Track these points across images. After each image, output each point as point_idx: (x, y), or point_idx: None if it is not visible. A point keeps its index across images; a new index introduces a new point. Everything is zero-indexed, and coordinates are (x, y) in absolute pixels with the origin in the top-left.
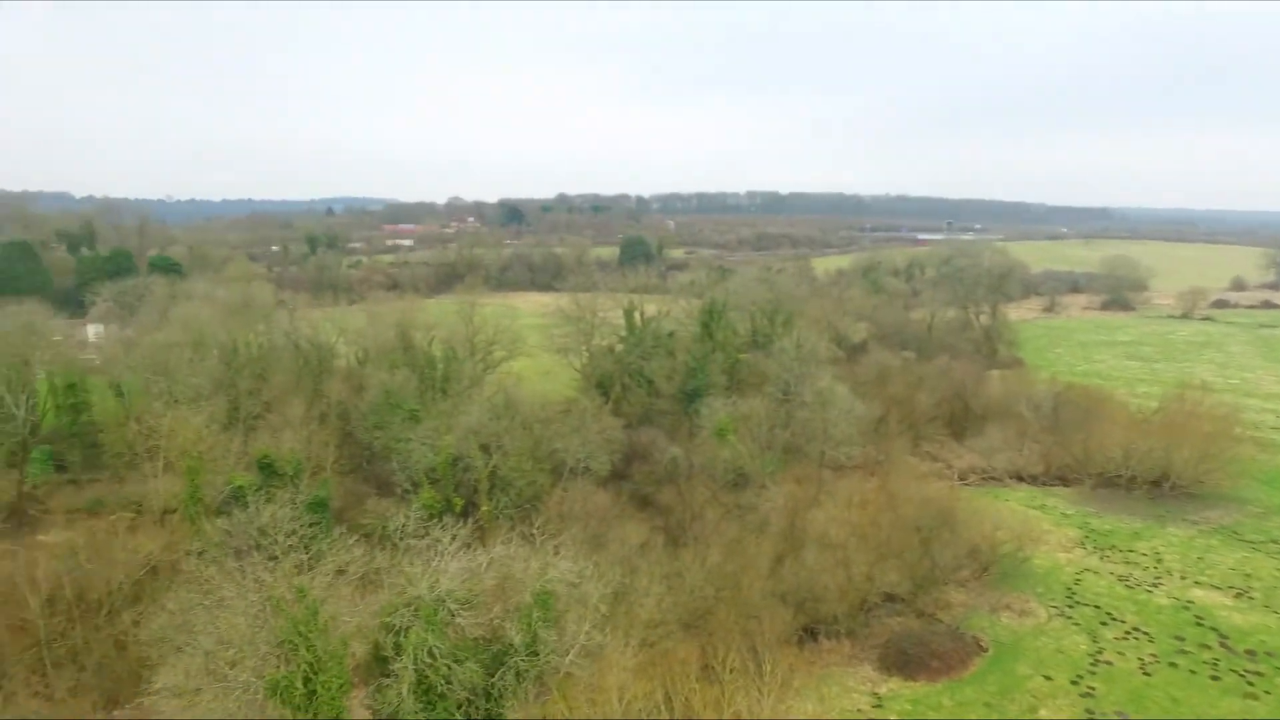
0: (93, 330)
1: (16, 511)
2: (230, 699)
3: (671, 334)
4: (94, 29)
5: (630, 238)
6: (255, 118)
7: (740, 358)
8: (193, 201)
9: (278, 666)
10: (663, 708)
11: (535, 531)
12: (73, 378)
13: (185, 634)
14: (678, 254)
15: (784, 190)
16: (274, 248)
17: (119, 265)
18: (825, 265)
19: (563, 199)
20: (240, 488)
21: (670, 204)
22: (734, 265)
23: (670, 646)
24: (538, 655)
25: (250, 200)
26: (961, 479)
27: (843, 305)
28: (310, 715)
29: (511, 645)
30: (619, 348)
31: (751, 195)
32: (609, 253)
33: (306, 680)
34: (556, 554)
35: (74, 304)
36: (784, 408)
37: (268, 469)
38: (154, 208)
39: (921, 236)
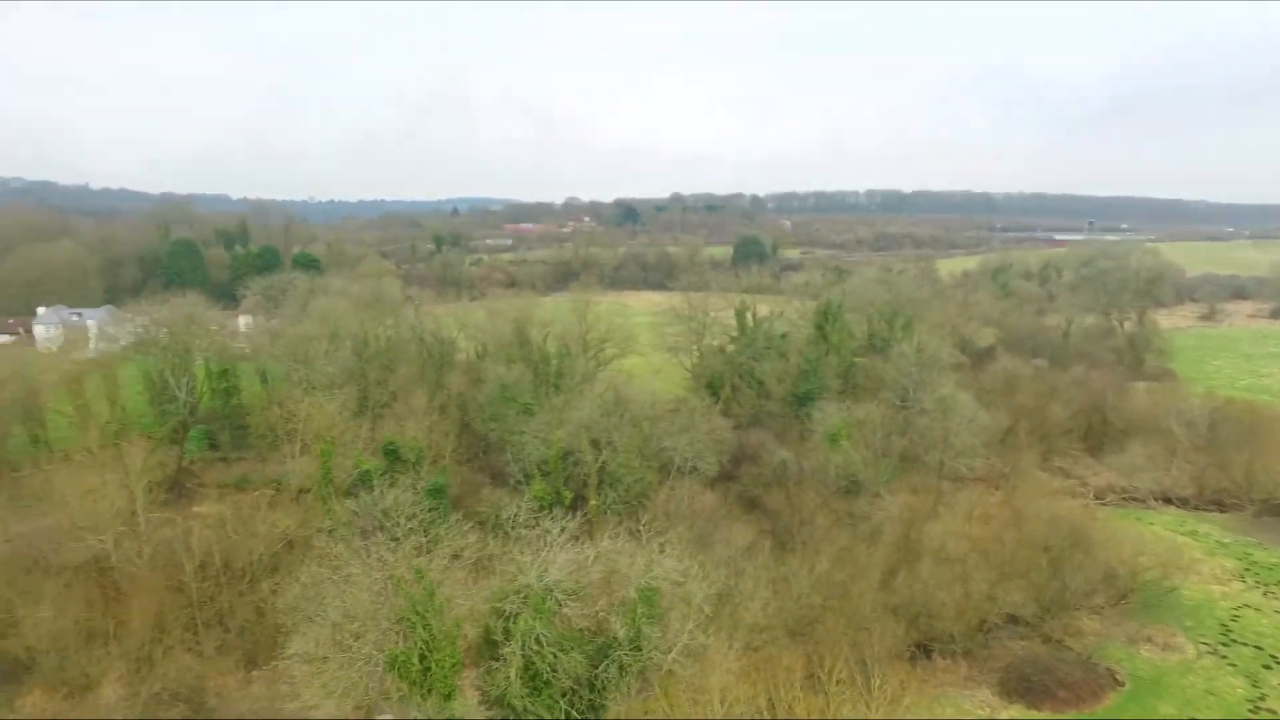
0: (243, 321)
1: (176, 484)
2: (354, 669)
3: (784, 335)
4: (246, 47)
5: (744, 237)
6: (388, 123)
7: (856, 361)
8: (332, 202)
9: (396, 642)
10: (765, 713)
11: (642, 528)
12: (226, 364)
13: (316, 605)
14: (793, 254)
15: (907, 189)
16: (404, 246)
17: (267, 261)
18: (950, 267)
19: (677, 199)
20: (367, 471)
21: (786, 203)
22: (851, 266)
23: (774, 652)
24: (641, 650)
25: (383, 201)
26: (1098, 498)
27: (968, 309)
28: (425, 690)
29: (615, 639)
30: (730, 348)
31: (871, 194)
32: (722, 252)
33: (422, 657)
34: (662, 551)
35: (228, 297)
36: (901, 414)
37: (392, 455)
38: (298, 208)
39: (1059, 237)
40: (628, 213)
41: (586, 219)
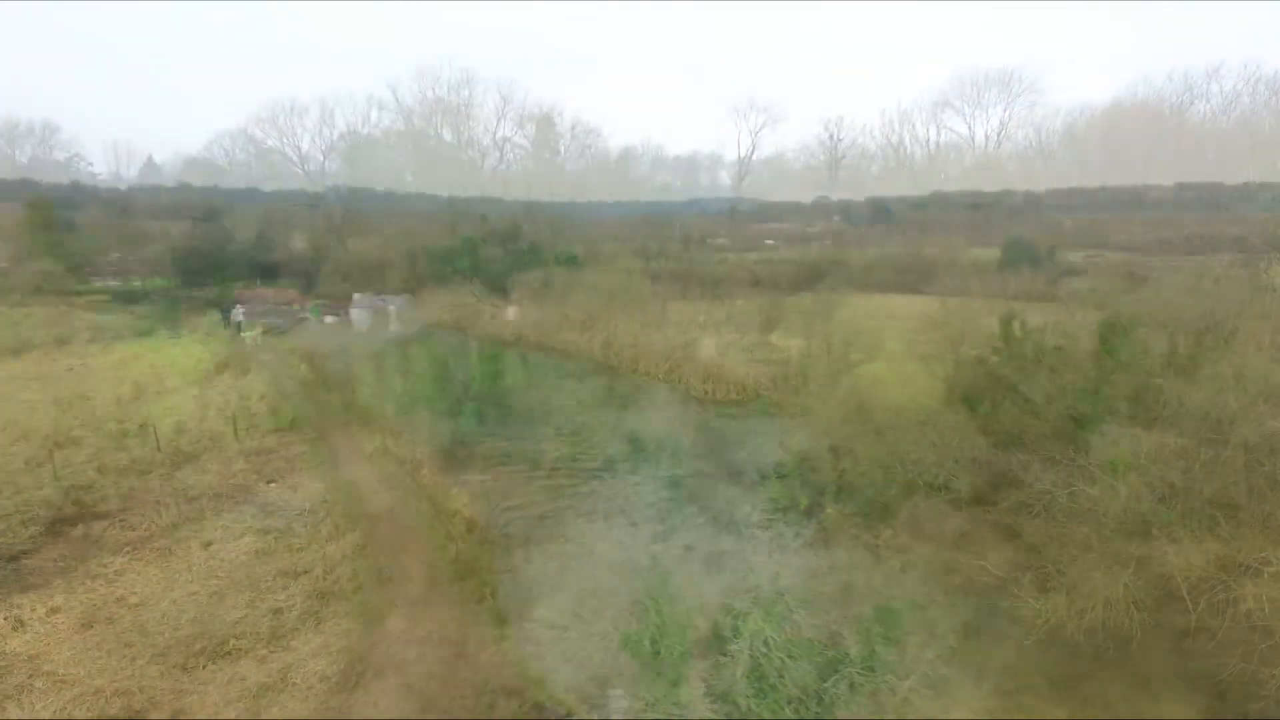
0: (512, 311)
1: (449, 453)
2: (590, 642)
3: (1059, 348)
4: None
5: (1014, 238)
6: (642, 130)
7: (1151, 382)
8: (589, 203)
9: (630, 623)
10: None
11: (881, 543)
12: (495, 349)
13: (561, 577)
14: (1074, 257)
15: (1229, 180)
16: (654, 244)
17: (533, 257)
18: None
19: (937, 196)
20: (612, 458)
21: (1069, 199)
22: (1150, 272)
23: (1031, 702)
24: (874, 672)
25: (637, 201)
26: None
27: None
28: (654, 673)
29: (847, 654)
30: (992, 359)
31: (1181, 187)
32: (988, 255)
33: (653, 640)
34: (903, 571)
35: (500, 289)
36: (1210, 449)
37: (636, 443)
38: (562, 209)
39: None
40: (880, 211)
41: (836, 218)
